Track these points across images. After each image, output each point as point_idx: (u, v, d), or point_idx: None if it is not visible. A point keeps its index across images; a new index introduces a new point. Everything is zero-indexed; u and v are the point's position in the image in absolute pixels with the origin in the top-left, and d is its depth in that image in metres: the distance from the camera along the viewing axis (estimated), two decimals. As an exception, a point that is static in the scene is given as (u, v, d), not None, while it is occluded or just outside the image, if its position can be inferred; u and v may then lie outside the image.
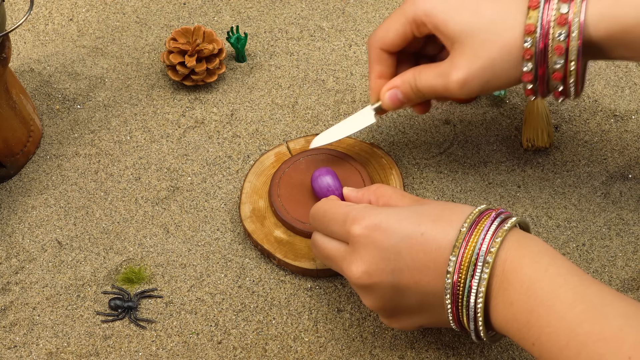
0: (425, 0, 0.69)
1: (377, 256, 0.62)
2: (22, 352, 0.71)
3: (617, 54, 0.67)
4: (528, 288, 0.57)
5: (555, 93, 0.69)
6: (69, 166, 0.83)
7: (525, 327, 0.57)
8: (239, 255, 0.76)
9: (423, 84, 0.71)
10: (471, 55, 0.67)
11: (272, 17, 0.95)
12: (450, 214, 0.61)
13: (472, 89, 0.68)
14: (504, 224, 0.60)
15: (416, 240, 0.61)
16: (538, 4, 0.65)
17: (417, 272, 0.61)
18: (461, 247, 0.59)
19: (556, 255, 0.59)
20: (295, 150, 0.82)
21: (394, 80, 0.73)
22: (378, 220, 0.62)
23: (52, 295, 0.74)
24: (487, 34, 0.67)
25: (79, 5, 0.97)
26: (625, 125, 0.84)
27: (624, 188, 0.80)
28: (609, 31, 0.64)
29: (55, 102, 0.88)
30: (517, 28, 0.66)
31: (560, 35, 0.65)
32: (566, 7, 0.64)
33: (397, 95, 0.73)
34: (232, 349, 0.71)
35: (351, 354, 0.71)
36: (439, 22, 0.68)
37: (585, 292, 0.55)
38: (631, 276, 0.74)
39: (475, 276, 0.59)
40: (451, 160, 0.83)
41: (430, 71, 0.70)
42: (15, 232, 0.78)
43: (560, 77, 0.67)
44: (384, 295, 0.63)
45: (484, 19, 0.67)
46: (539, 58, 0.66)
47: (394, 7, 0.95)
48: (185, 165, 0.83)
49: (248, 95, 0.88)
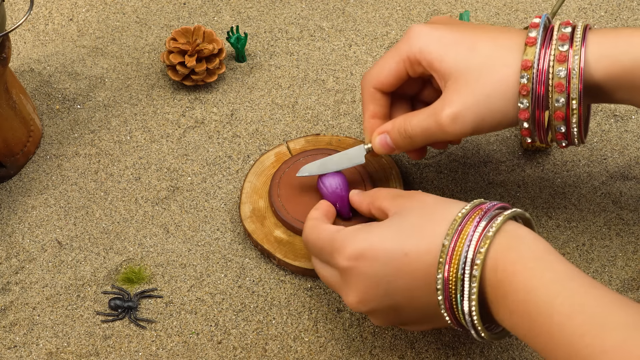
0: (420, 38, 0.67)
1: (367, 284, 0.62)
2: (22, 352, 0.71)
3: (620, 97, 0.65)
4: (524, 298, 0.55)
5: (558, 135, 0.66)
6: (69, 166, 0.83)
7: (529, 335, 0.56)
8: (239, 255, 0.77)
9: (413, 127, 0.68)
10: (465, 90, 0.65)
11: (272, 17, 0.95)
12: (434, 225, 0.60)
13: (465, 125, 0.65)
14: (489, 228, 0.58)
15: (401, 262, 0.60)
16: (535, 40, 0.64)
17: (409, 292, 0.61)
18: (445, 262, 0.58)
19: (550, 255, 0.57)
20: (295, 150, 0.82)
21: (385, 125, 0.71)
22: (361, 248, 0.62)
23: (52, 295, 0.74)
24: (483, 70, 0.65)
25: (79, 5, 0.97)
26: (625, 125, 0.84)
27: (624, 188, 0.80)
28: (609, 71, 0.63)
29: (55, 102, 0.88)
30: (513, 64, 0.64)
31: (560, 72, 0.63)
32: (566, 45, 0.63)
33: (386, 141, 0.71)
34: (232, 349, 0.71)
35: (351, 354, 0.71)
36: (433, 58, 0.66)
37: (584, 302, 0.54)
38: (631, 276, 0.74)
39: (465, 291, 0.58)
40: (451, 160, 0.83)
41: (421, 113, 0.68)
42: (15, 232, 0.78)
43: (562, 117, 0.64)
44: (385, 315, 0.64)
45: (480, 55, 0.65)
46: (537, 96, 0.64)
47: (394, 7, 0.95)
48: (185, 165, 0.83)
49: (248, 95, 0.88)
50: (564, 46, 0.63)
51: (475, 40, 0.66)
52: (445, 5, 0.95)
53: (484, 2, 0.96)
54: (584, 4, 0.95)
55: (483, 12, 0.95)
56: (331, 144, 0.82)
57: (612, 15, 0.94)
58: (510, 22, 0.94)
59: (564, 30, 0.64)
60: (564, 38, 0.64)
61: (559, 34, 0.64)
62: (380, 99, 0.71)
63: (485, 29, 0.68)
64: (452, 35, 0.67)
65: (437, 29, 0.67)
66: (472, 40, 0.66)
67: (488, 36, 0.66)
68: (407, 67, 0.69)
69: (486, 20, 0.94)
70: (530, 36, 0.64)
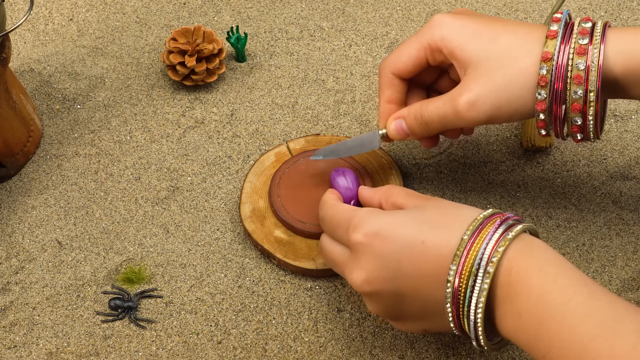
0: (442, 26, 0.69)
1: (378, 264, 0.62)
2: (22, 352, 0.71)
3: (637, 92, 0.66)
4: (537, 300, 0.56)
5: (574, 128, 0.67)
6: (69, 166, 0.83)
7: (535, 340, 0.56)
8: (239, 255, 0.77)
9: (430, 113, 0.70)
10: (485, 78, 0.66)
11: (272, 17, 0.95)
12: (453, 220, 0.61)
13: (482, 112, 0.67)
14: (509, 232, 0.59)
15: (416, 248, 0.60)
16: (557, 34, 0.65)
17: (418, 280, 0.61)
18: (462, 255, 0.58)
19: (564, 264, 0.57)
20: (295, 150, 0.82)
21: (402, 111, 0.72)
22: (378, 227, 0.62)
23: (52, 295, 0.74)
24: (503, 60, 0.66)
25: (79, 5, 0.97)
26: (625, 125, 0.84)
27: (624, 188, 0.80)
28: (627, 66, 0.64)
29: (55, 102, 0.88)
30: (533, 55, 0.66)
31: (579, 64, 0.64)
32: (586, 39, 0.64)
33: (402, 126, 0.72)
34: (232, 349, 0.71)
35: (351, 354, 0.71)
36: (455, 47, 0.68)
37: (596, 306, 0.54)
38: (631, 276, 0.74)
39: (476, 286, 0.58)
40: (451, 160, 0.83)
41: (438, 100, 0.69)
42: (15, 232, 0.78)
43: (579, 109, 0.65)
44: (385, 301, 0.63)
45: (501, 46, 0.67)
46: (556, 90, 0.65)
47: (394, 7, 0.95)
48: (185, 165, 0.83)
49: (248, 95, 0.88)
50: (584, 40, 0.65)
51: (497, 31, 0.67)
52: (445, 5, 0.95)
53: (484, 2, 0.96)
54: (584, 4, 0.95)
55: (483, 12, 0.95)
56: (331, 144, 0.82)
57: (612, 15, 0.94)
58: (510, 22, 0.94)
59: (584, 25, 0.65)
60: (584, 32, 0.65)
61: (579, 28, 0.65)
62: (397, 85, 0.73)
63: (506, 22, 0.69)
64: (474, 25, 0.68)
65: (459, 18, 0.69)
66: (494, 31, 0.68)
67: (509, 28, 0.68)
68: (427, 55, 0.70)
69: (486, 20, 0.94)
70: (552, 29, 0.66)
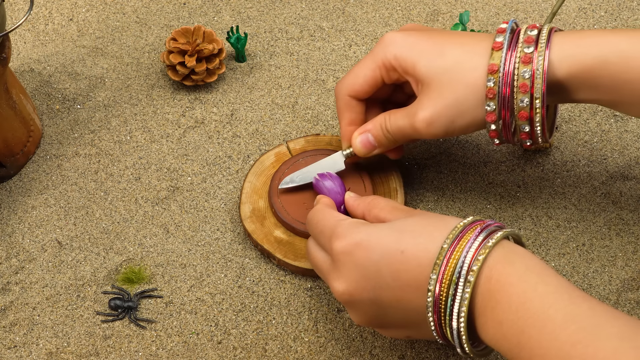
0: (394, 45, 0.70)
1: (358, 274, 0.62)
2: (22, 352, 0.71)
3: (583, 96, 0.67)
4: (517, 308, 0.55)
5: (522, 135, 0.69)
6: (69, 166, 0.83)
7: (517, 348, 0.55)
8: (239, 255, 0.77)
9: (392, 126, 0.71)
10: (437, 94, 0.68)
11: (272, 17, 0.95)
12: (434, 229, 0.61)
13: (438, 127, 0.69)
14: (489, 239, 0.58)
15: (396, 258, 0.60)
16: (502, 45, 0.67)
17: (399, 290, 0.61)
18: (442, 264, 0.58)
19: (545, 270, 0.57)
20: (295, 151, 0.82)
21: (366, 125, 0.74)
22: (359, 237, 0.62)
23: (52, 295, 0.74)
24: (452, 74, 0.68)
25: (79, 5, 0.97)
26: (625, 125, 0.84)
27: (624, 188, 0.80)
28: (571, 70, 0.65)
29: (55, 102, 0.88)
30: (480, 68, 0.67)
31: (524, 73, 0.65)
32: (531, 47, 0.66)
33: (368, 139, 0.73)
34: (232, 349, 0.71)
35: (351, 354, 0.71)
36: (408, 65, 0.69)
37: (577, 312, 0.54)
38: (631, 276, 0.74)
39: (457, 295, 0.58)
40: (451, 160, 0.83)
41: (399, 113, 0.71)
42: (15, 232, 0.78)
43: (526, 117, 0.67)
44: (367, 311, 0.63)
45: (449, 60, 0.68)
46: (503, 98, 0.66)
47: (394, 7, 0.95)
48: (185, 165, 0.83)
49: (248, 95, 0.88)
50: (529, 48, 0.66)
51: (444, 46, 0.69)
52: (445, 5, 0.95)
53: (484, 2, 0.96)
54: (584, 4, 0.95)
55: (483, 12, 0.95)
56: (331, 144, 0.82)
57: (612, 15, 0.94)
58: (510, 22, 0.94)
59: (530, 33, 0.67)
60: (529, 40, 0.66)
61: (524, 36, 0.67)
62: (355, 106, 0.74)
63: (454, 34, 0.71)
64: (424, 42, 0.70)
65: (410, 35, 0.71)
66: (442, 46, 0.69)
67: (456, 41, 0.69)
68: (382, 74, 0.72)
69: (486, 20, 0.94)
70: (497, 41, 0.67)
